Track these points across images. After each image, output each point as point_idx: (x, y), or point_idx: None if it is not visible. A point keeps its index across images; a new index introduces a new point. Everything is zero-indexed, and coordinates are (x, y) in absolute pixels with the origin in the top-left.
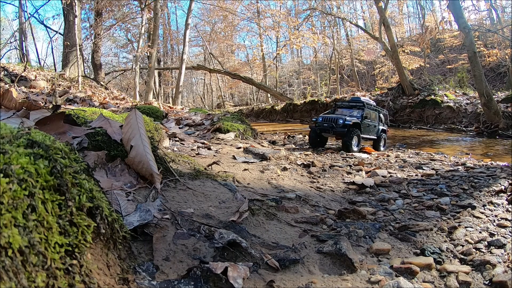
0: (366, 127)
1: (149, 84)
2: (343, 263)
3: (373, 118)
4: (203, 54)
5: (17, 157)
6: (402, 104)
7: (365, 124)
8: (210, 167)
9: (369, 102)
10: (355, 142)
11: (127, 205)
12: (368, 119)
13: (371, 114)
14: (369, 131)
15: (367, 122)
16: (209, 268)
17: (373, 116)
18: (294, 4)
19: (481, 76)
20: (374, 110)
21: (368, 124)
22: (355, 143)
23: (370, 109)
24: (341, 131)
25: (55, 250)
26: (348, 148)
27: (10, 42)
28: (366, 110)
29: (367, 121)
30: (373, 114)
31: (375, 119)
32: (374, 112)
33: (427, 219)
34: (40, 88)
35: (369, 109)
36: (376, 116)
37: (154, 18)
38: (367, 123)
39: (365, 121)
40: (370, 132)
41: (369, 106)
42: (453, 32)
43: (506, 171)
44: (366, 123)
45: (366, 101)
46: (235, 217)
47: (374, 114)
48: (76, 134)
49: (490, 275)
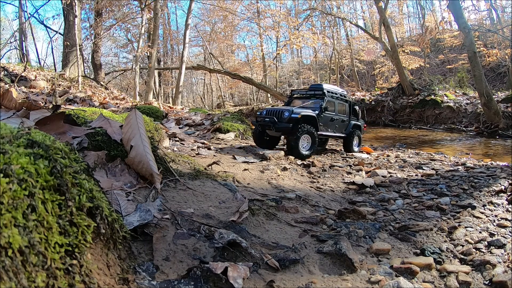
0: (329, 122)
1: (149, 84)
2: (343, 263)
3: (341, 110)
4: (203, 54)
5: (17, 157)
6: (402, 104)
7: (326, 118)
8: (210, 167)
9: (333, 90)
10: (307, 143)
11: (127, 205)
12: (332, 111)
13: (337, 105)
14: (333, 127)
15: (329, 116)
16: (209, 268)
17: (341, 108)
18: (294, 4)
19: (481, 76)
20: (342, 100)
21: (331, 118)
22: (307, 145)
23: (336, 99)
24: (284, 127)
25: (55, 250)
26: (294, 150)
27: (10, 42)
28: (327, 100)
29: (329, 114)
30: (340, 105)
31: (344, 112)
32: (342, 103)
33: (427, 219)
34: (40, 88)
35: (333, 98)
36: (346, 108)
37: (154, 18)
38: (330, 117)
39: (326, 114)
40: (336, 128)
41: (333, 94)
42: (453, 32)
43: (506, 171)
44: (328, 117)
45: (330, 88)
46: (235, 217)
47: (342, 106)
48: (76, 134)
49: (490, 275)
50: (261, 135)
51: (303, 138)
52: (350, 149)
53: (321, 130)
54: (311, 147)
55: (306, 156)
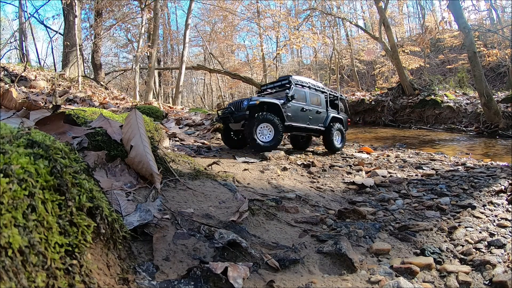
0: (299, 112)
1: (149, 84)
2: (343, 263)
3: (315, 101)
4: (203, 54)
5: (17, 157)
6: (402, 104)
7: (294, 107)
8: (210, 167)
9: (305, 80)
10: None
11: (127, 205)
12: (303, 101)
13: (309, 95)
14: (305, 119)
15: (299, 106)
16: (209, 268)
17: (315, 99)
18: (294, 4)
19: (481, 76)
20: (316, 91)
21: (302, 108)
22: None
23: (308, 88)
24: (241, 115)
25: (55, 250)
26: (251, 140)
27: (10, 42)
28: (294, 88)
29: (299, 104)
30: (314, 96)
31: (319, 103)
32: (316, 93)
33: (427, 219)
34: (40, 88)
35: (303, 88)
36: (321, 99)
37: (154, 18)
38: (300, 107)
39: (294, 103)
40: (310, 120)
41: (304, 84)
42: (453, 32)
43: (506, 171)
44: (297, 107)
45: (300, 78)
46: (235, 217)
47: (316, 97)
48: (76, 134)
49: (490, 275)
50: (228, 133)
51: (262, 126)
52: (331, 146)
53: (290, 120)
54: (274, 138)
55: (265, 147)
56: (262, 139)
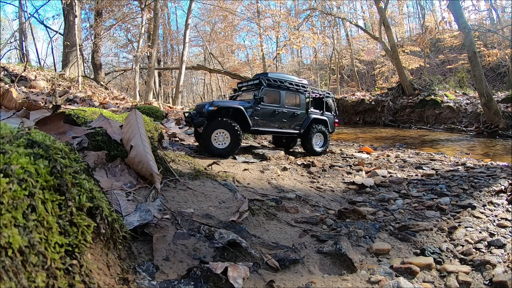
0: (270, 115)
1: (149, 84)
2: (343, 263)
3: (291, 102)
4: (203, 54)
5: (17, 157)
6: (402, 104)
7: (264, 110)
8: (210, 167)
9: (281, 78)
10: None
11: (127, 205)
12: (276, 103)
13: (285, 96)
14: (278, 122)
15: (270, 108)
16: (209, 268)
17: (292, 100)
18: (294, 4)
19: (481, 76)
20: (293, 91)
21: (274, 111)
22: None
23: (284, 89)
24: (200, 122)
25: (55, 250)
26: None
27: (10, 42)
28: (265, 90)
29: (270, 106)
30: (290, 96)
31: (297, 105)
32: (293, 94)
33: (427, 219)
34: (40, 88)
35: (277, 88)
36: (300, 100)
37: (154, 18)
38: (272, 110)
39: (264, 106)
40: (283, 123)
41: (279, 84)
42: (453, 32)
43: (506, 171)
44: (268, 109)
45: (276, 76)
46: (235, 217)
47: (293, 97)
48: (76, 134)
49: (490, 275)
50: (198, 134)
51: (218, 132)
52: (310, 150)
53: (257, 125)
54: (229, 145)
55: (219, 153)
56: (218, 145)
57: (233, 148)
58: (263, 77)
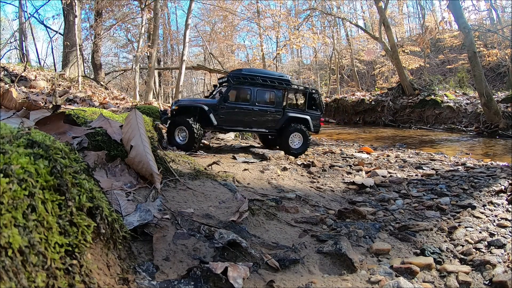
0: (237, 113)
1: (149, 84)
2: (343, 263)
3: (265, 100)
4: (203, 54)
5: (17, 157)
6: (402, 104)
7: (232, 109)
8: (210, 167)
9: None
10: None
11: (127, 205)
12: (246, 101)
13: (257, 94)
14: (248, 121)
15: (239, 107)
16: (209, 268)
17: (265, 97)
18: (294, 4)
19: (481, 76)
20: (267, 87)
21: (241, 109)
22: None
23: (256, 85)
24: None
25: (55, 250)
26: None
27: (10, 42)
28: (234, 87)
29: (240, 104)
30: (263, 94)
31: (271, 102)
32: (267, 90)
33: (427, 219)
34: (40, 88)
35: (249, 86)
36: (276, 97)
37: (154, 18)
38: (241, 108)
39: (230, 104)
40: (254, 122)
41: (251, 81)
42: (453, 32)
43: (506, 171)
44: (236, 108)
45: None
46: (235, 217)
47: (267, 95)
48: (76, 134)
49: (490, 275)
50: None
51: (179, 129)
52: (286, 149)
53: (222, 123)
54: (189, 140)
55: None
56: (180, 140)
57: (192, 143)
58: (233, 74)
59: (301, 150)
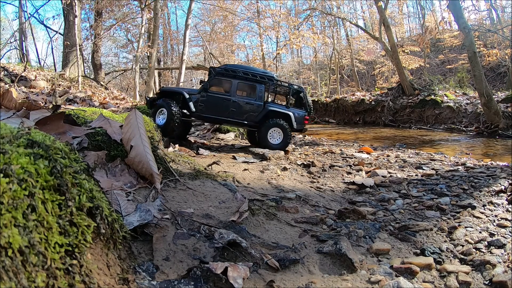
0: (216, 103)
1: (149, 84)
2: (343, 263)
3: (245, 93)
4: (203, 54)
5: (17, 157)
6: (402, 104)
7: (209, 98)
8: (210, 167)
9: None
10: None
11: (127, 205)
12: (226, 92)
13: (238, 85)
14: (226, 111)
15: (219, 97)
16: (209, 268)
17: (245, 89)
18: (294, 4)
19: (481, 76)
20: (249, 80)
21: (221, 99)
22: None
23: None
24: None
25: (55, 250)
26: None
27: (10, 42)
28: (214, 78)
29: (220, 95)
30: (244, 86)
31: (251, 95)
32: (247, 83)
33: (427, 219)
34: (40, 88)
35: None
36: (257, 91)
37: (154, 18)
38: (219, 98)
39: (210, 94)
40: (233, 113)
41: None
42: (453, 32)
43: (506, 171)
44: (215, 98)
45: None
46: (235, 217)
47: (248, 87)
48: (76, 134)
49: (490, 275)
50: None
51: (160, 111)
52: (264, 144)
53: (200, 111)
54: (166, 121)
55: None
56: (159, 120)
57: (169, 125)
58: (216, 67)
59: (280, 146)
